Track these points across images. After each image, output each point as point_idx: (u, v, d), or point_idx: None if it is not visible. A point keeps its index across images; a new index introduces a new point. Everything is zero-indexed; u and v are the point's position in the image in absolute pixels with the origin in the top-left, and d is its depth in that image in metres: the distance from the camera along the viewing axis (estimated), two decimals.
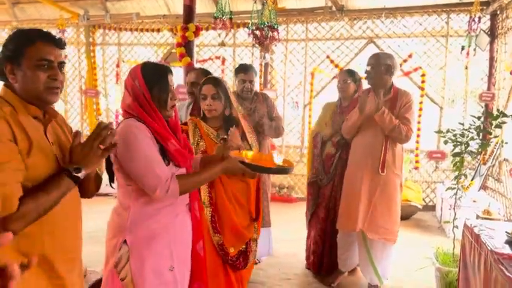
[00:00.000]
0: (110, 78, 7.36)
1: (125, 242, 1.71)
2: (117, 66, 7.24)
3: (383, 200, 3.16)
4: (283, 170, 2.05)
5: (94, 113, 7.28)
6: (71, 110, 7.51)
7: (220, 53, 6.73)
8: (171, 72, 1.80)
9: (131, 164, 1.66)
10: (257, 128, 3.32)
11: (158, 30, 6.87)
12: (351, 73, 3.57)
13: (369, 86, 3.27)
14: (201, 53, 6.84)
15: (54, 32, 6.87)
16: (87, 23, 6.98)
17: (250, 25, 3.87)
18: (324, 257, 3.65)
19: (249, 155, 2.03)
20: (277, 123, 3.56)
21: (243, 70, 3.50)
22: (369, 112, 3.09)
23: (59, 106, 7.74)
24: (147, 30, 6.89)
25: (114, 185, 1.84)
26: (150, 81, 1.72)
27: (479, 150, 2.78)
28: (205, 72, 3.19)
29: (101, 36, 7.28)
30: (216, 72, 6.75)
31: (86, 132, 7.40)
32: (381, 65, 3.11)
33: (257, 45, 3.89)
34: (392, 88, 3.21)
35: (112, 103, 7.41)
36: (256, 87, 3.80)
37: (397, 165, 3.19)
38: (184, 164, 1.82)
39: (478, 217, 4.11)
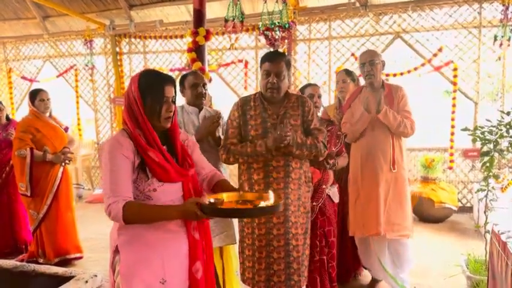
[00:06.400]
0: None
1: (117, 250, 1.70)
2: None
3: (395, 196, 3.13)
4: (246, 212, 1.65)
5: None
6: (101, 118, 7.69)
7: (243, 56, 6.67)
8: (171, 83, 1.74)
9: (101, 176, 1.68)
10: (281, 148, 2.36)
11: (182, 37, 6.91)
12: (349, 73, 3.56)
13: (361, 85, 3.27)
14: (224, 57, 6.80)
15: (81, 42, 7.09)
16: (113, 33, 7.14)
17: (260, 26, 3.77)
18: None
19: (231, 196, 1.72)
20: (312, 140, 2.44)
21: (268, 58, 2.41)
22: (371, 111, 3.08)
23: (88, 114, 7.97)
24: (170, 37, 6.96)
25: None
26: (144, 89, 1.69)
27: (509, 148, 2.54)
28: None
29: (127, 45, 7.42)
30: (239, 76, 6.72)
31: None
32: (379, 62, 3.10)
33: (269, 46, 3.77)
34: (384, 84, 3.19)
35: None
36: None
37: (404, 160, 3.20)
38: (167, 180, 1.69)
39: None
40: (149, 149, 1.67)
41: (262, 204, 1.62)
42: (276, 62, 2.38)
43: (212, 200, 1.63)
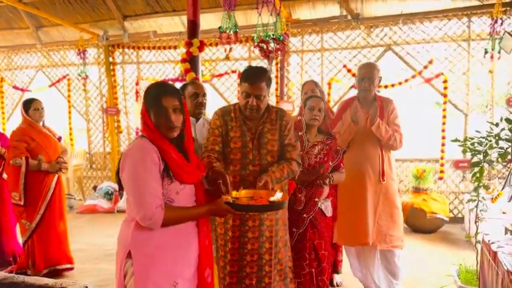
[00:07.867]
0: (129, 96, 7.48)
1: (129, 255, 1.71)
2: (137, 84, 7.35)
3: (386, 207, 3.18)
4: (270, 206, 1.93)
5: (115, 131, 7.40)
6: (93, 128, 7.66)
7: (236, 67, 6.72)
8: (170, 94, 1.76)
9: (127, 184, 1.70)
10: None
11: (175, 47, 6.95)
12: (316, 84, 3.63)
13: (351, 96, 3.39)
14: (217, 67, 6.85)
15: (74, 52, 7.07)
16: (107, 43, 7.15)
17: (255, 38, 3.82)
18: None
19: (242, 193, 2.00)
20: (288, 167, 2.38)
21: (248, 79, 2.34)
22: (362, 124, 3.16)
23: (80, 124, 7.94)
24: (164, 47, 7.00)
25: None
26: (148, 101, 1.77)
27: (498, 159, 2.58)
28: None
29: (121, 55, 7.43)
30: (232, 87, 6.77)
31: (108, 149, 7.53)
32: (376, 78, 3.16)
33: (263, 57, 3.81)
34: (376, 97, 3.26)
35: (132, 121, 7.52)
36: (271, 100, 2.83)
37: (393, 171, 3.27)
38: (188, 181, 1.79)
39: (507, 230, 3.84)
40: (170, 150, 1.74)
41: (275, 199, 1.91)
42: (255, 85, 2.31)
43: (230, 199, 1.86)
